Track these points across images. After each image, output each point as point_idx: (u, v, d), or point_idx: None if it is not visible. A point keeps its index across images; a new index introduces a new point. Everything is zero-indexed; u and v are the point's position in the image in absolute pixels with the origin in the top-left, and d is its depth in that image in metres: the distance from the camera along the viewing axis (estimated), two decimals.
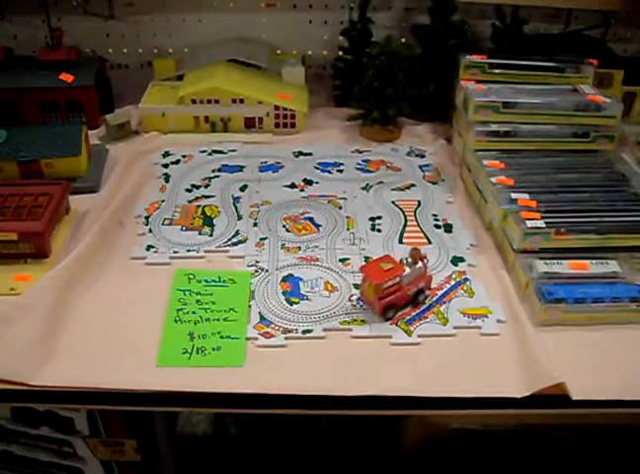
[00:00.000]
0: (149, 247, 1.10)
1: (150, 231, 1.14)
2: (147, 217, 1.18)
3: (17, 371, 0.86)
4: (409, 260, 0.98)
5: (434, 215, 1.21)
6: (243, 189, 1.28)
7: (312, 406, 0.86)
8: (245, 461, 1.61)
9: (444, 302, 1.00)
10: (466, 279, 1.04)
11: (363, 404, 0.85)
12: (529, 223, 1.02)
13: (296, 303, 0.99)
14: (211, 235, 1.14)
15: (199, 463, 1.62)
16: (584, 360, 0.90)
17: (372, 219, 1.19)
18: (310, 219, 1.19)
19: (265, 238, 1.13)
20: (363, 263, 1.07)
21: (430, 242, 1.13)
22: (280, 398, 0.85)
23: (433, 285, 1.02)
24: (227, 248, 1.11)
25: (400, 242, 1.13)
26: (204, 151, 1.40)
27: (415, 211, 1.22)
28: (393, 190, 1.29)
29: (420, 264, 0.98)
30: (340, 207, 1.22)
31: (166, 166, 1.35)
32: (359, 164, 1.37)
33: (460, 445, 1.32)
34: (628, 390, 0.86)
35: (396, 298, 0.96)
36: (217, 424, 1.74)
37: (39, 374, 0.86)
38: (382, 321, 0.96)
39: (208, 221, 1.17)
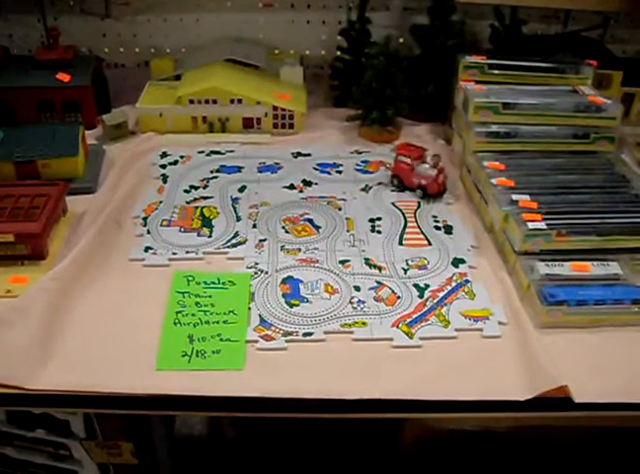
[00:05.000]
0: (147, 248, 1.09)
1: (148, 232, 1.14)
2: (145, 218, 1.17)
3: (13, 375, 0.85)
4: (429, 160, 1.24)
5: (433, 217, 1.20)
6: (242, 190, 1.27)
7: (313, 410, 0.86)
8: (243, 463, 1.61)
9: (445, 304, 0.99)
10: (467, 281, 1.04)
11: (365, 407, 0.85)
12: (531, 225, 1.01)
13: (296, 305, 0.98)
14: (210, 236, 1.13)
15: (196, 465, 1.61)
16: (586, 363, 0.90)
17: (372, 221, 1.18)
18: (310, 221, 1.18)
19: (264, 239, 1.12)
20: (364, 265, 1.07)
21: (430, 243, 1.13)
22: (280, 402, 0.84)
23: (434, 287, 1.02)
24: (226, 249, 1.10)
25: (400, 244, 1.13)
26: (203, 152, 1.40)
27: (415, 213, 1.21)
28: (392, 191, 1.28)
29: (428, 166, 1.23)
30: (339, 209, 1.22)
31: (164, 167, 1.34)
32: (357, 165, 1.37)
33: (459, 446, 1.32)
34: (631, 392, 0.85)
35: (403, 173, 1.26)
36: (215, 425, 1.73)
37: (35, 378, 0.85)
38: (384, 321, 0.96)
39: (207, 222, 1.17)
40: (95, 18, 1.64)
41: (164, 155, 1.38)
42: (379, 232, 1.15)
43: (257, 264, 1.07)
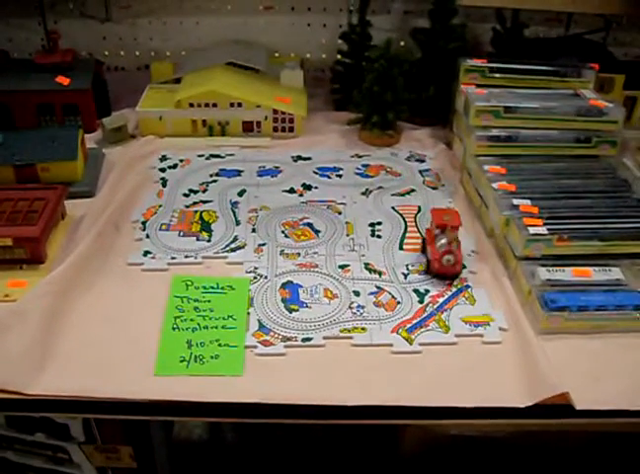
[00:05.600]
0: (146, 253, 1.09)
1: (147, 237, 1.13)
2: (144, 222, 1.17)
3: (12, 380, 0.85)
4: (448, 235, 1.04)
5: None
6: (241, 194, 1.26)
7: (312, 416, 0.85)
8: (242, 467, 1.60)
9: (446, 310, 0.98)
10: (467, 286, 1.03)
11: (364, 414, 0.84)
12: (532, 230, 1.01)
13: (296, 311, 0.98)
14: (209, 241, 1.12)
15: (195, 469, 1.61)
16: (587, 369, 0.89)
17: (372, 225, 1.18)
18: (309, 225, 1.17)
19: (263, 244, 1.12)
20: (364, 269, 1.06)
21: None
22: (279, 408, 0.84)
23: (434, 292, 1.02)
24: (225, 254, 1.09)
25: (400, 248, 1.12)
26: (202, 155, 1.39)
27: (415, 217, 1.21)
28: (393, 195, 1.27)
29: (445, 241, 1.03)
30: (339, 213, 1.21)
31: (163, 170, 1.33)
32: (358, 169, 1.36)
33: (459, 451, 1.31)
34: (632, 399, 0.85)
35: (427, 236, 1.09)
36: (214, 429, 1.73)
37: (34, 383, 0.85)
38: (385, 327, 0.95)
39: (206, 227, 1.16)
40: (95, 21, 1.64)
41: (164, 159, 1.38)
42: (379, 237, 1.15)
43: (256, 268, 1.06)
